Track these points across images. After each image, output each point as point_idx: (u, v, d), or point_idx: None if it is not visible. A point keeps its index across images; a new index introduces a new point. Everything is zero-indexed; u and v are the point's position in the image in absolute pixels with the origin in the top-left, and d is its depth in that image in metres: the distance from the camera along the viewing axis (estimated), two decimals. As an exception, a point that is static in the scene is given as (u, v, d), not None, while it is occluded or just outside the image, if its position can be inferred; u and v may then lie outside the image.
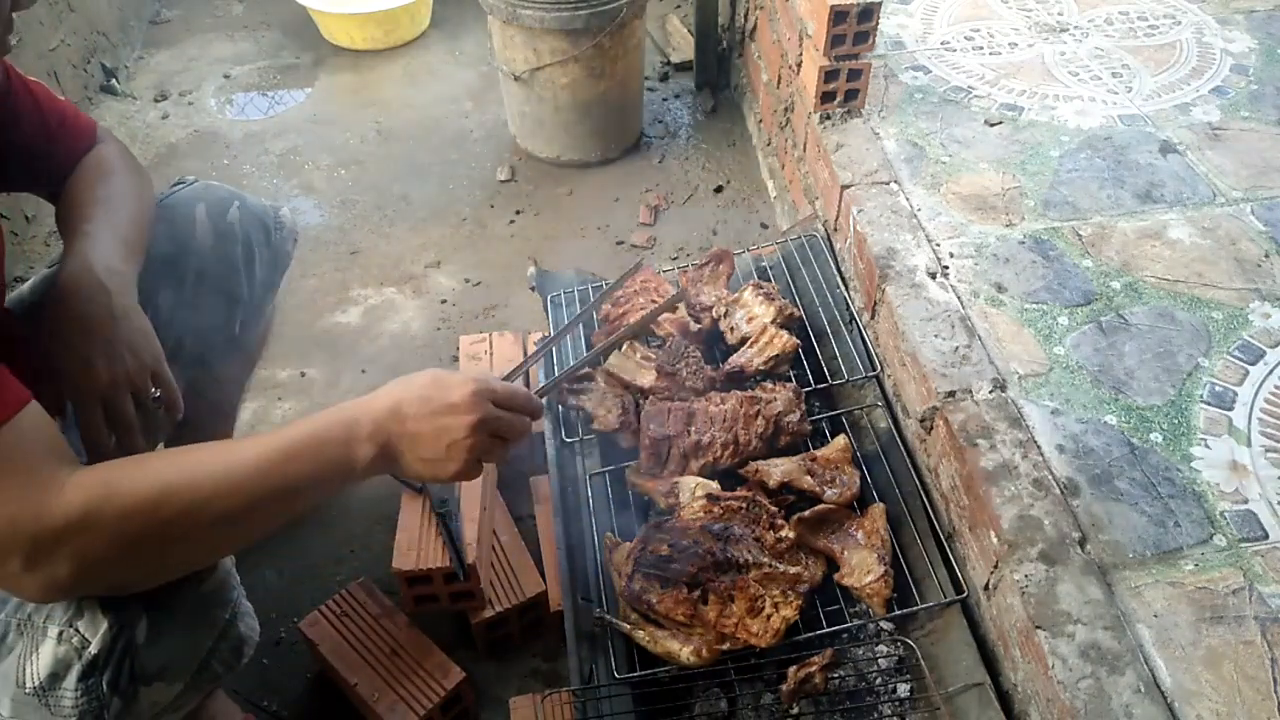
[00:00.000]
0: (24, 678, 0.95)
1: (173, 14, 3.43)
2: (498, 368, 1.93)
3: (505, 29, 2.43)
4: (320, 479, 0.93)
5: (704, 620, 1.32)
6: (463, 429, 0.96)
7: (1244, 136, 1.93)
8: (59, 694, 0.95)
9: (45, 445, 0.85)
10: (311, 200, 2.63)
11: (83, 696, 0.95)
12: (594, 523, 1.50)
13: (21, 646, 0.95)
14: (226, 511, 0.88)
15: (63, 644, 0.94)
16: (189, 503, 0.86)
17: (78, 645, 0.94)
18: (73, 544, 0.82)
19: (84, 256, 1.07)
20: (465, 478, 0.99)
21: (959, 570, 1.36)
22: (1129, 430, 1.37)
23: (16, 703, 0.96)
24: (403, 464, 0.97)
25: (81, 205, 1.15)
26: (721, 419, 1.52)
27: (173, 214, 1.28)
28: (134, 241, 1.14)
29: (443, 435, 0.96)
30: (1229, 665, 1.11)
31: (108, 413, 1.04)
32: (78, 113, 1.24)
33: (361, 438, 0.94)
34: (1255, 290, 1.59)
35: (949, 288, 1.60)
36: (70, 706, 0.96)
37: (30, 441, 0.84)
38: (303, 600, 1.64)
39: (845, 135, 1.95)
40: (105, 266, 1.07)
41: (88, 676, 0.95)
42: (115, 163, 1.22)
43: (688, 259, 2.36)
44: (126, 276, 1.09)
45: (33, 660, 0.95)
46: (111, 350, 1.03)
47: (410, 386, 0.97)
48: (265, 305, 1.46)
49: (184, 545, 0.90)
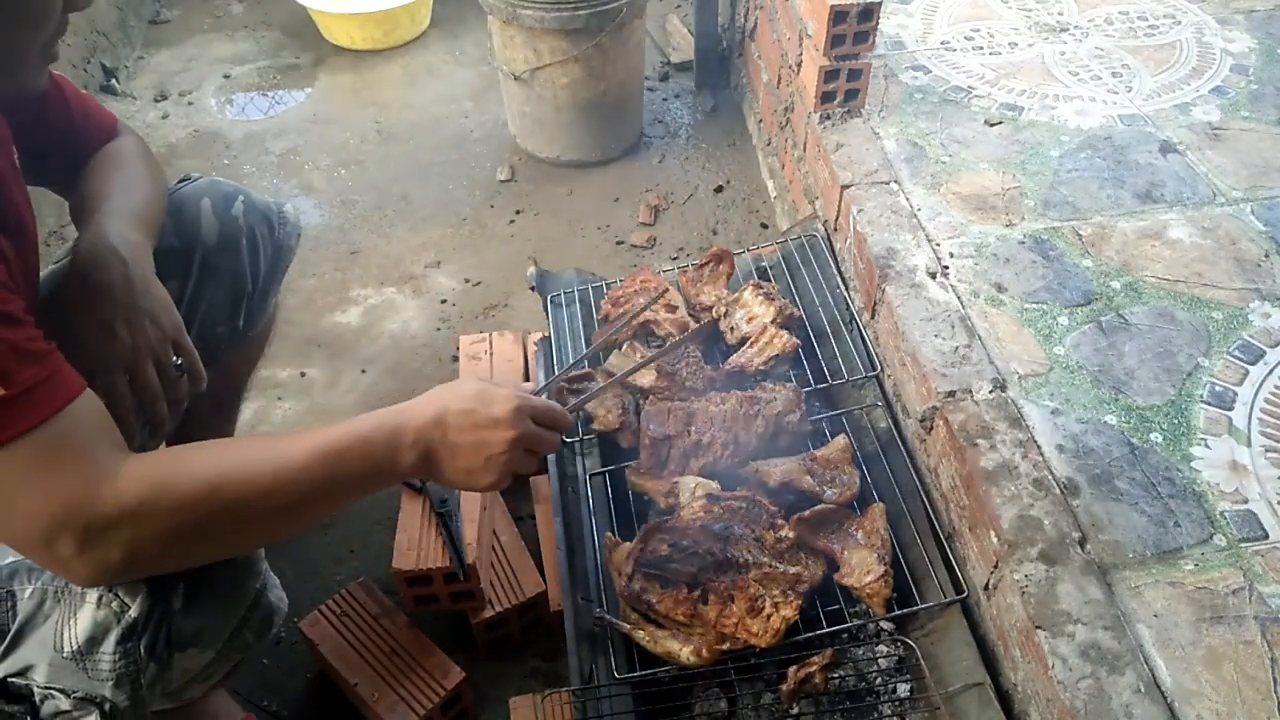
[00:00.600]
0: (61, 642, 0.97)
1: (173, 14, 3.43)
2: (498, 368, 1.93)
3: (505, 29, 2.43)
4: (364, 479, 0.97)
5: (704, 620, 1.32)
6: (502, 444, 0.99)
7: (1244, 136, 1.93)
8: (97, 657, 0.97)
9: (100, 431, 0.87)
10: (311, 200, 2.63)
11: (120, 660, 0.97)
12: (594, 523, 1.50)
13: (59, 613, 0.97)
14: (276, 506, 0.92)
15: (102, 609, 0.96)
16: (241, 495, 0.89)
17: (117, 610, 0.96)
18: (127, 531, 0.84)
19: (100, 229, 1.08)
20: (496, 488, 1.03)
21: (959, 570, 1.36)
22: (1129, 430, 1.37)
23: (54, 667, 0.98)
24: (441, 471, 1.00)
25: (97, 186, 1.16)
26: (721, 419, 1.52)
27: (179, 208, 1.29)
28: (149, 218, 1.16)
29: (482, 449, 0.99)
30: (1229, 665, 1.11)
31: (132, 382, 1.05)
32: (100, 107, 1.26)
33: (406, 444, 0.97)
34: (1255, 290, 1.59)
35: (949, 288, 1.60)
36: (108, 670, 0.98)
37: (86, 428, 0.85)
38: (303, 600, 1.64)
39: (845, 135, 1.95)
40: (122, 238, 1.08)
41: (126, 640, 0.97)
42: (131, 153, 1.24)
43: (688, 259, 2.37)
44: (143, 247, 1.10)
45: (71, 625, 0.96)
46: (132, 319, 1.05)
47: (454, 397, 1.00)
48: (269, 299, 1.48)
49: (232, 536, 0.93)
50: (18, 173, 1.04)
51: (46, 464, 0.82)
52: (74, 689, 0.98)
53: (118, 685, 0.98)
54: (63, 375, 0.85)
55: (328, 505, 0.97)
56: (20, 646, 0.98)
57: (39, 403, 0.82)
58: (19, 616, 0.97)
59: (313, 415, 2.04)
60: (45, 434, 0.81)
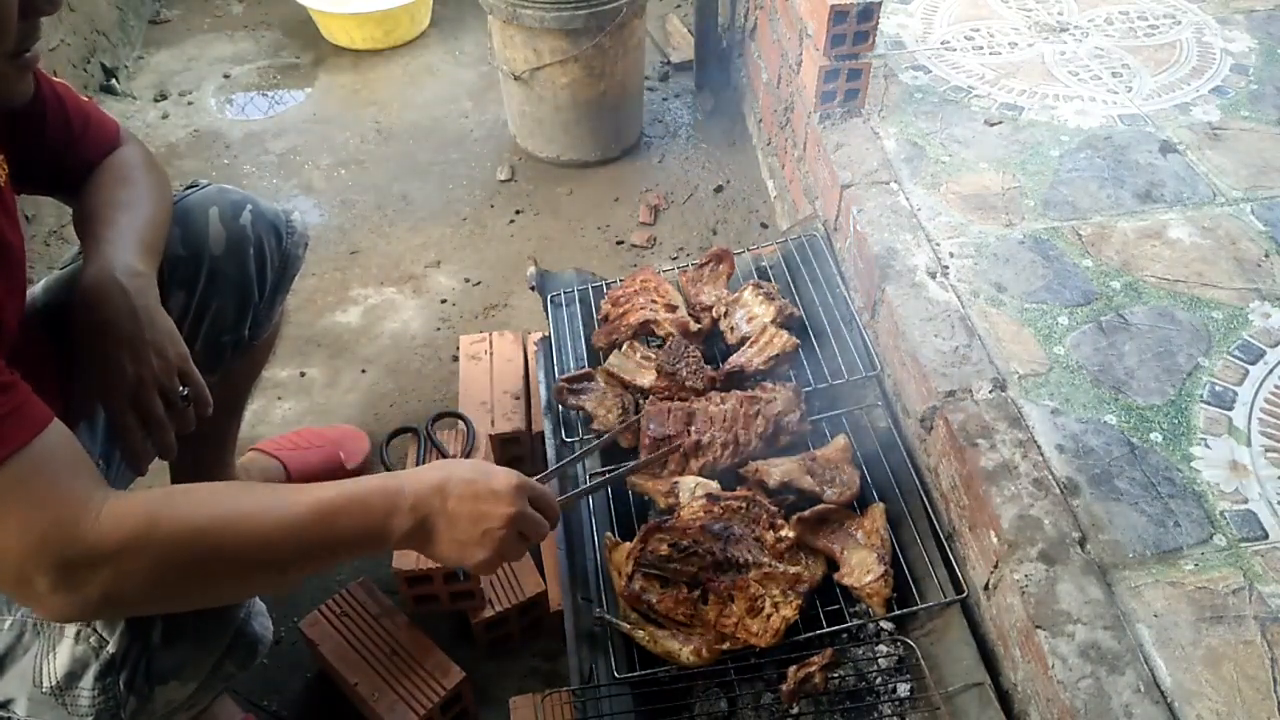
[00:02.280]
0: (40, 677, 0.96)
1: (172, 14, 3.43)
2: (497, 368, 1.93)
3: (505, 29, 2.43)
4: (356, 540, 0.95)
5: (704, 620, 1.32)
6: (500, 519, 0.98)
7: (1244, 136, 1.93)
8: (76, 693, 0.96)
9: (75, 464, 0.85)
10: (311, 200, 2.63)
11: (99, 696, 0.97)
12: (594, 523, 1.50)
13: (38, 646, 0.96)
14: (263, 557, 0.89)
15: (80, 644, 0.95)
16: (230, 543, 0.87)
17: (95, 645, 0.95)
18: (108, 570, 0.81)
19: (105, 260, 1.07)
20: (485, 569, 1.01)
21: (959, 570, 1.36)
22: (1129, 430, 1.37)
23: (33, 701, 0.97)
24: (435, 541, 0.98)
25: (101, 208, 1.15)
26: (721, 419, 1.52)
27: (186, 217, 1.28)
28: (153, 243, 1.15)
29: (480, 521, 0.98)
30: (1229, 665, 1.11)
31: (138, 413, 1.04)
32: (102, 114, 1.24)
33: (404, 508, 0.95)
34: (1255, 290, 1.59)
35: (949, 287, 1.60)
36: (87, 706, 0.97)
37: (59, 460, 0.83)
38: (303, 600, 1.64)
39: (845, 135, 1.95)
40: (125, 269, 1.07)
41: (105, 676, 0.96)
42: (135, 165, 1.23)
43: (688, 259, 2.36)
44: (147, 278, 1.10)
45: (50, 660, 0.96)
46: (137, 351, 1.04)
47: (458, 467, 1.00)
48: (275, 308, 1.47)
49: (215, 584, 0.91)
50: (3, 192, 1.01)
51: (18, 497, 0.79)
52: None
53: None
54: (29, 407, 0.83)
55: (315, 563, 0.95)
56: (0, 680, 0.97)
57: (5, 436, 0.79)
58: None
59: (313, 415, 2.04)
60: (15, 466, 0.79)
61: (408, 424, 1.91)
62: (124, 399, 1.03)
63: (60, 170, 1.19)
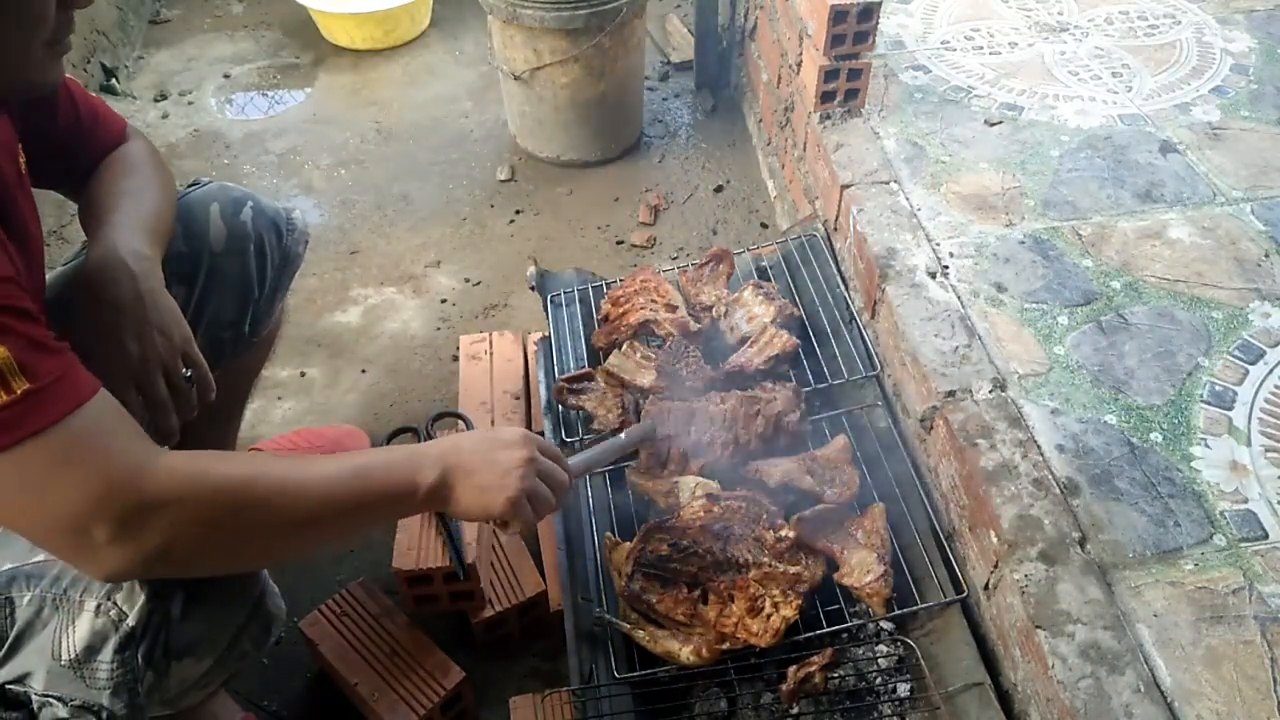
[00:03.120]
0: (59, 650, 0.97)
1: (173, 14, 3.43)
2: (497, 367, 1.93)
3: (505, 29, 2.43)
4: (389, 497, 1.01)
5: (704, 620, 1.32)
6: (516, 460, 1.06)
7: (1244, 136, 1.93)
8: (94, 666, 0.97)
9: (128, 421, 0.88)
10: (311, 200, 2.63)
11: (118, 669, 0.98)
12: (594, 523, 1.50)
13: (57, 621, 0.97)
14: (305, 513, 0.94)
15: (100, 617, 0.96)
16: (278, 497, 0.92)
17: (115, 618, 0.96)
18: (165, 520, 0.84)
19: (110, 242, 1.08)
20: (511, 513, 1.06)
21: (959, 570, 1.36)
22: (1129, 430, 1.37)
23: (51, 675, 0.98)
24: (460, 490, 1.04)
25: (107, 195, 1.16)
26: (721, 419, 1.52)
27: (187, 213, 1.30)
28: (159, 230, 1.16)
29: (497, 465, 1.05)
30: (1229, 665, 1.11)
31: (142, 394, 1.06)
32: (109, 111, 1.26)
33: (426, 464, 1.02)
34: (1255, 290, 1.59)
35: (949, 287, 1.60)
36: (105, 678, 0.98)
37: (113, 418, 0.86)
38: (303, 600, 1.64)
39: (845, 135, 1.95)
40: (131, 251, 1.08)
41: (124, 649, 0.97)
42: (141, 158, 1.24)
43: (688, 259, 2.36)
44: (152, 260, 1.11)
45: (69, 633, 0.97)
46: (141, 332, 1.05)
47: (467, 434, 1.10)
48: (275, 305, 1.47)
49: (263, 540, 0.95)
50: (24, 180, 1.04)
51: (81, 451, 0.82)
52: (71, 697, 0.98)
53: (115, 694, 0.98)
54: (79, 370, 0.86)
55: (349, 522, 1.00)
56: (18, 654, 0.98)
57: (64, 394, 0.82)
58: (17, 624, 0.97)
59: (313, 415, 2.04)
60: (77, 422, 0.82)
61: (408, 424, 1.91)
62: (127, 379, 1.04)
63: (70, 163, 1.20)
